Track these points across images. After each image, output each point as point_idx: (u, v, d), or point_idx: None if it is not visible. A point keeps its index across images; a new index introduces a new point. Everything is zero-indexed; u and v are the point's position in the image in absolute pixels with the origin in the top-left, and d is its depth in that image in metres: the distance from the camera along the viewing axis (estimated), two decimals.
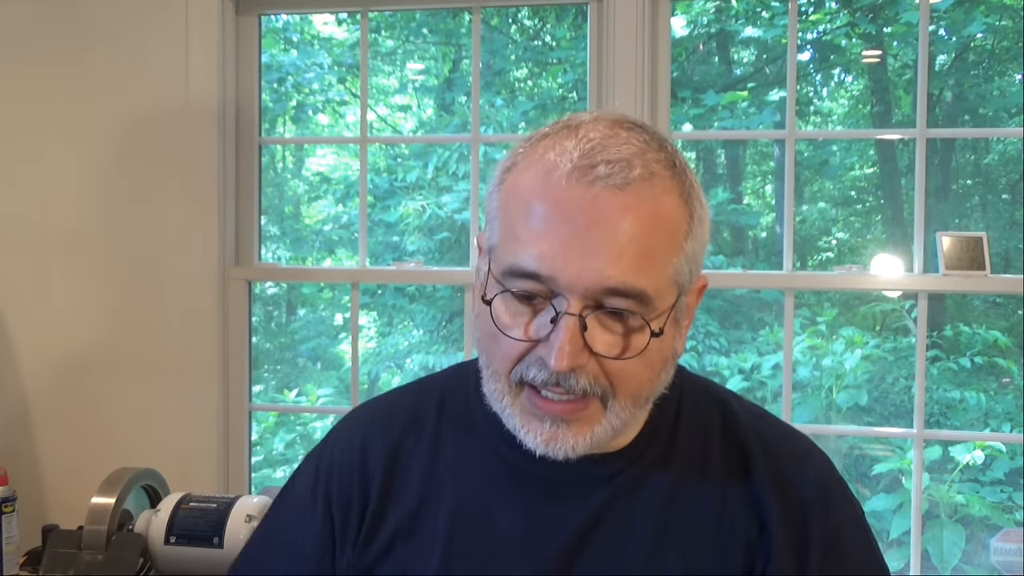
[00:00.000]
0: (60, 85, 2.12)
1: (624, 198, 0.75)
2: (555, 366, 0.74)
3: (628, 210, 0.75)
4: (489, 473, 0.86)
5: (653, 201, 0.76)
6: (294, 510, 0.95)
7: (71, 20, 2.11)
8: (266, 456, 4.52)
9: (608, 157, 0.75)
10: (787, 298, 2.01)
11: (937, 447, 3.86)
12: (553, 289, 0.75)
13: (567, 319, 0.74)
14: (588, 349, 0.75)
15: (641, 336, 0.76)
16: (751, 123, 4.46)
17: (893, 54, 4.65)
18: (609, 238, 0.74)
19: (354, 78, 4.74)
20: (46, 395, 2.14)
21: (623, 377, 0.77)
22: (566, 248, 0.74)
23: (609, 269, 0.74)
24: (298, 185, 5.20)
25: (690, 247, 0.79)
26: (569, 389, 0.76)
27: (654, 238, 0.76)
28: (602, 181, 0.74)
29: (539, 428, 0.79)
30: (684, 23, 4.52)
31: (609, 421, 0.79)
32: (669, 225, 0.78)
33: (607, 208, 0.74)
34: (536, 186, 0.77)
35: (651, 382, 0.80)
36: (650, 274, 0.76)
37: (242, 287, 2.15)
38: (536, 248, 0.75)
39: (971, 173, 4.68)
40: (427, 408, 0.92)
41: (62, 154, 2.12)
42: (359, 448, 0.92)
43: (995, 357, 4.24)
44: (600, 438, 0.79)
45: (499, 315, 0.78)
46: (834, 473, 0.89)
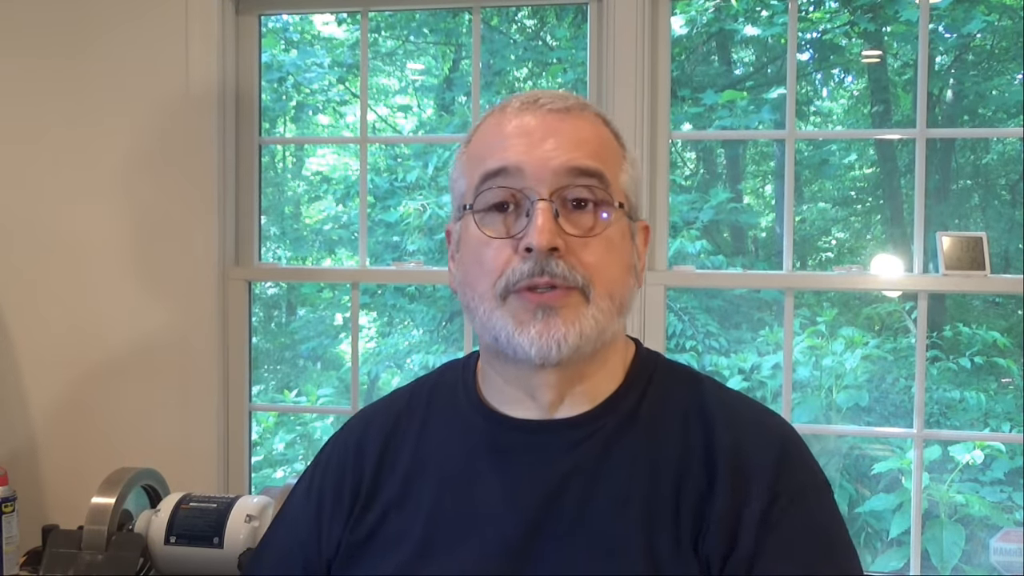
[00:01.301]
0: (60, 85, 2.12)
1: (568, 116, 0.89)
2: (536, 242, 0.83)
3: (575, 123, 0.89)
4: (470, 445, 0.93)
5: (591, 120, 0.91)
6: (293, 503, 1.03)
7: (70, 19, 2.11)
8: (266, 456, 4.52)
9: (548, 95, 0.91)
10: (787, 298, 2.01)
11: (937, 447, 3.86)
12: (522, 187, 0.86)
13: (540, 204, 0.84)
14: (562, 234, 0.85)
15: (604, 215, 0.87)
16: (751, 123, 4.47)
17: (893, 53, 4.65)
18: (564, 138, 0.87)
19: (354, 78, 4.74)
20: (46, 395, 2.14)
21: (596, 267, 0.86)
22: (528, 147, 0.87)
23: (570, 154, 0.86)
24: (298, 185, 5.20)
25: (629, 171, 0.93)
26: (552, 275, 0.84)
27: (602, 144, 0.90)
28: (546, 107, 0.89)
29: (531, 323, 0.85)
30: (684, 22, 4.52)
31: (592, 314, 0.86)
32: (609, 142, 0.92)
33: (556, 123, 0.88)
34: (492, 125, 0.91)
35: (621, 282, 0.89)
36: (605, 165, 0.88)
37: (242, 287, 2.15)
38: (502, 152, 0.87)
39: (971, 173, 4.68)
40: (419, 398, 1.00)
41: (62, 155, 2.12)
42: (357, 437, 1.00)
43: (995, 357, 4.24)
44: (588, 332, 0.85)
45: (480, 232, 0.88)
46: (799, 446, 0.90)
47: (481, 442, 0.93)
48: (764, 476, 0.85)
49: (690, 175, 4.96)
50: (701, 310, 4.56)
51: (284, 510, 1.04)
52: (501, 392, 0.94)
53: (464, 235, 0.91)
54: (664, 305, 2.00)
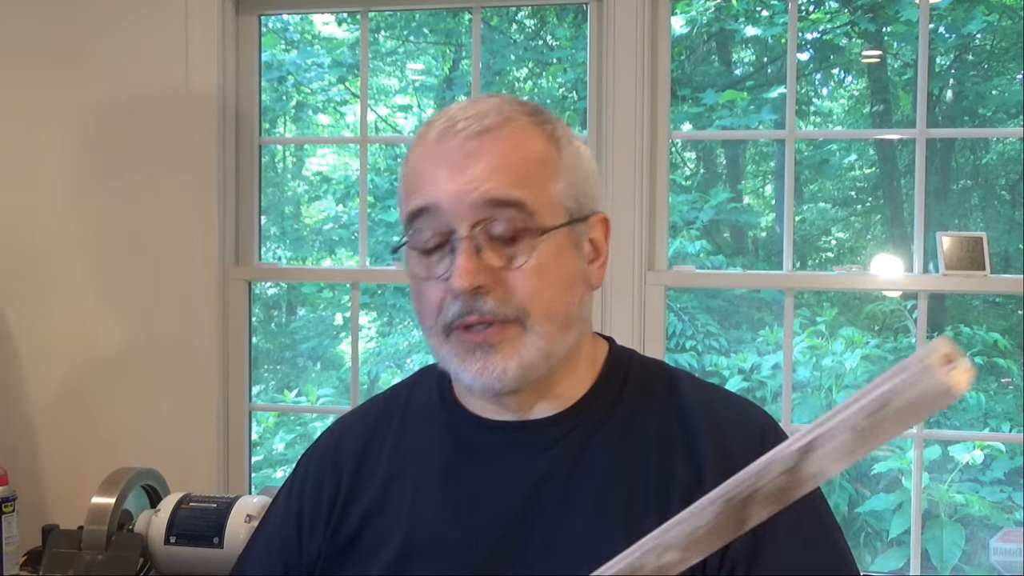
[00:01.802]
0: (59, 85, 2.12)
1: (487, 137, 0.85)
2: (456, 284, 0.83)
3: (494, 145, 0.85)
4: (445, 447, 0.94)
5: (512, 135, 0.86)
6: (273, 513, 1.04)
7: (70, 19, 2.11)
8: (266, 456, 4.52)
9: (466, 115, 0.87)
10: (787, 298, 2.01)
11: (936, 447, 3.86)
12: (445, 222, 0.84)
13: (460, 243, 0.84)
14: (487, 269, 0.84)
15: (528, 243, 0.84)
16: (751, 122, 4.47)
17: (893, 54, 4.65)
18: (482, 166, 0.84)
19: (354, 78, 4.74)
20: (46, 395, 2.14)
21: (529, 295, 0.85)
22: (445, 184, 0.85)
23: (485, 183, 0.84)
24: (298, 185, 5.20)
25: (566, 177, 0.88)
26: (481, 313, 0.84)
27: (521, 164, 0.86)
28: (463, 132, 0.85)
29: (471, 361, 0.85)
30: (684, 22, 4.52)
31: (533, 342, 0.85)
32: (534, 156, 0.87)
33: (473, 148, 0.85)
34: (417, 154, 0.89)
35: (561, 300, 0.87)
36: (525, 188, 0.85)
37: (242, 287, 2.15)
38: (423, 189, 0.86)
39: (971, 173, 4.68)
40: (396, 403, 1.01)
41: (62, 155, 2.12)
42: (334, 444, 1.00)
43: (995, 357, 4.24)
44: (530, 360, 0.85)
45: (415, 271, 0.88)
46: (777, 430, 0.91)
47: (458, 442, 0.94)
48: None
49: (690, 175, 4.96)
50: (701, 310, 4.56)
51: (265, 520, 1.04)
52: (470, 398, 0.94)
53: (407, 265, 0.91)
54: (664, 305, 2.00)
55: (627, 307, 1.96)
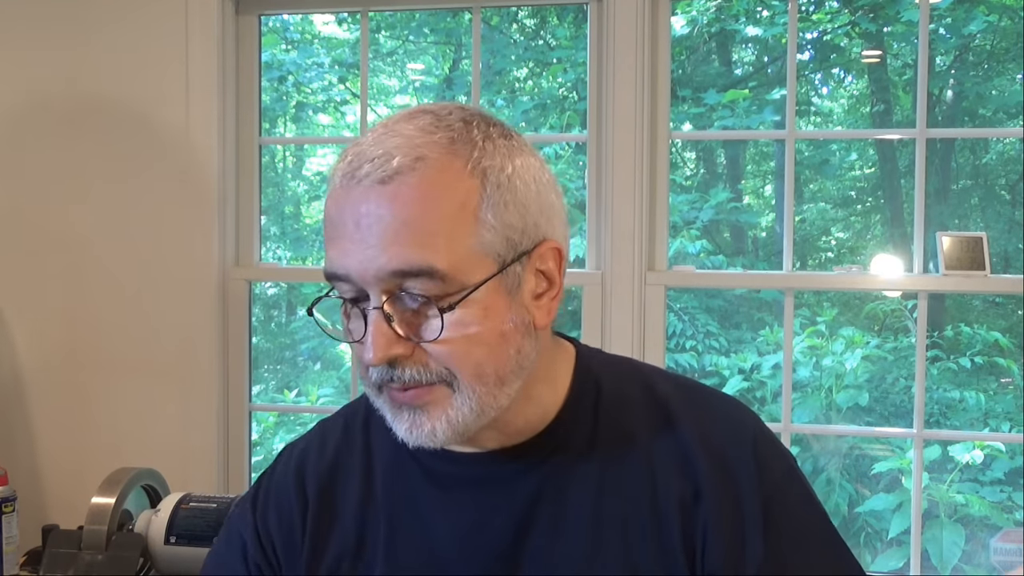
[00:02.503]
0: (59, 84, 2.12)
1: (388, 189, 0.76)
2: (370, 359, 0.77)
3: (394, 199, 0.76)
4: (416, 482, 0.88)
5: (422, 184, 0.76)
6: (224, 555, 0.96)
7: (70, 19, 2.11)
8: (266, 456, 4.51)
9: (372, 155, 0.77)
10: (787, 298, 2.01)
11: (936, 447, 3.86)
12: (358, 286, 0.78)
13: (371, 314, 0.77)
14: (402, 340, 0.78)
15: (441, 311, 0.77)
16: (751, 123, 4.47)
17: (893, 54, 4.65)
18: (381, 228, 0.76)
19: (354, 78, 4.74)
20: (46, 395, 2.14)
21: (453, 359, 0.78)
22: (349, 245, 0.77)
23: (385, 255, 0.76)
24: (298, 185, 5.20)
25: (491, 219, 0.78)
26: (401, 381, 0.78)
27: (432, 217, 0.76)
28: (367, 179, 0.77)
29: (401, 419, 0.81)
30: (684, 22, 4.52)
31: (463, 403, 0.79)
32: (451, 201, 0.77)
33: (374, 201, 0.76)
34: (329, 197, 0.81)
35: (491, 358, 0.79)
36: (437, 251, 0.76)
37: (242, 287, 2.15)
38: (331, 252, 0.79)
39: (971, 173, 4.68)
40: (354, 431, 0.94)
41: (62, 154, 2.12)
42: (294, 480, 0.94)
43: (995, 357, 4.24)
44: (460, 421, 0.79)
45: (345, 327, 0.83)
46: (763, 430, 0.89)
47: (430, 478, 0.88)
48: (748, 475, 0.84)
49: (690, 175, 4.96)
50: (701, 310, 4.56)
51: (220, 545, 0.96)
52: None
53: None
54: (664, 305, 2.00)
55: (627, 307, 1.96)
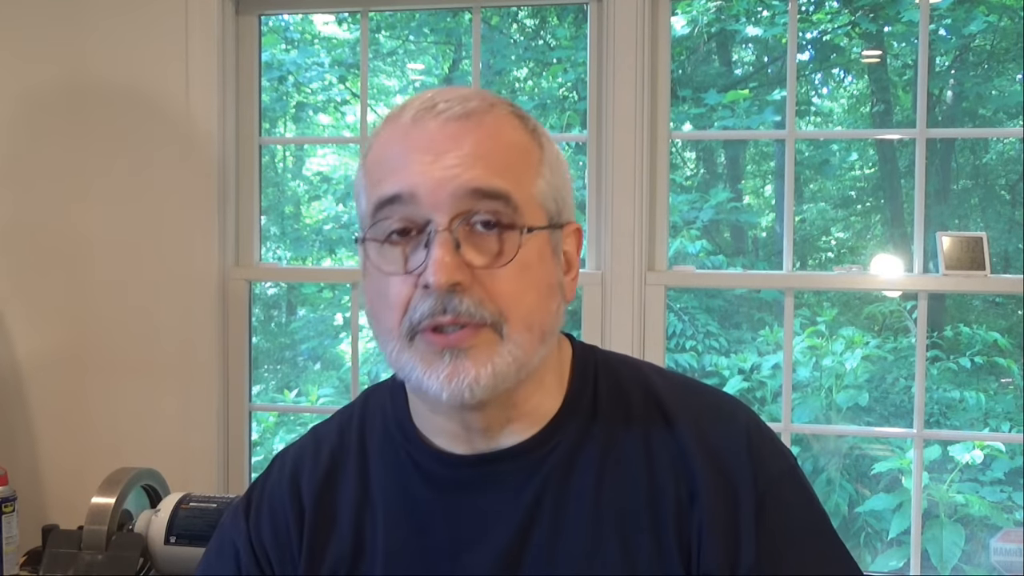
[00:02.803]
0: (59, 85, 2.12)
1: (467, 123, 0.78)
2: (435, 280, 0.74)
3: (477, 130, 0.78)
4: (413, 488, 0.85)
5: (497, 125, 0.79)
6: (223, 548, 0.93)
7: (70, 19, 2.11)
8: (266, 456, 4.51)
9: (446, 97, 0.80)
10: (787, 298, 2.01)
11: (936, 447, 3.86)
12: (420, 213, 0.76)
13: (439, 235, 0.75)
14: (466, 266, 0.76)
15: (513, 240, 0.77)
16: (752, 123, 4.47)
17: (893, 54, 4.65)
18: (464, 151, 0.77)
19: (354, 78, 4.74)
20: (46, 395, 2.14)
21: (508, 299, 0.77)
22: (423, 168, 0.76)
23: (468, 172, 0.76)
24: (298, 185, 5.20)
25: (547, 176, 0.81)
26: (456, 313, 0.75)
27: (506, 153, 0.79)
28: (444, 114, 0.78)
29: (439, 366, 0.77)
30: (684, 22, 4.52)
31: (508, 351, 0.77)
32: (518, 147, 0.80)
33: (455, 132, 0.77)
34: (387, 138, 0.80)
35: (540, 308, 0.79)
36: (510, 180, 0.77)
37: (242, 287, 2.15)
38: (396, 174, 0.77)
39: (971, 173, 4.68)
40: (349, 439, 0.91)
41: (62, 154, 2.12)
42: (289, 486, 0.91)
43: (995, 357, 4.24)
44: (503, 370, 0.77)
45: (378, 265, 0.79)
46: (761, 428, 0.87)
47: (428, 483, 0.85)
48: (744, 475, 0.83)
49: (690, 175, 4.96)
50: (701, 310, 4.56)
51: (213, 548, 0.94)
52: (433, 423, 0.85)
53: (365, 263, 0.81)
54: (664, 305, 2.00)
55: (627, 307, 1.96)
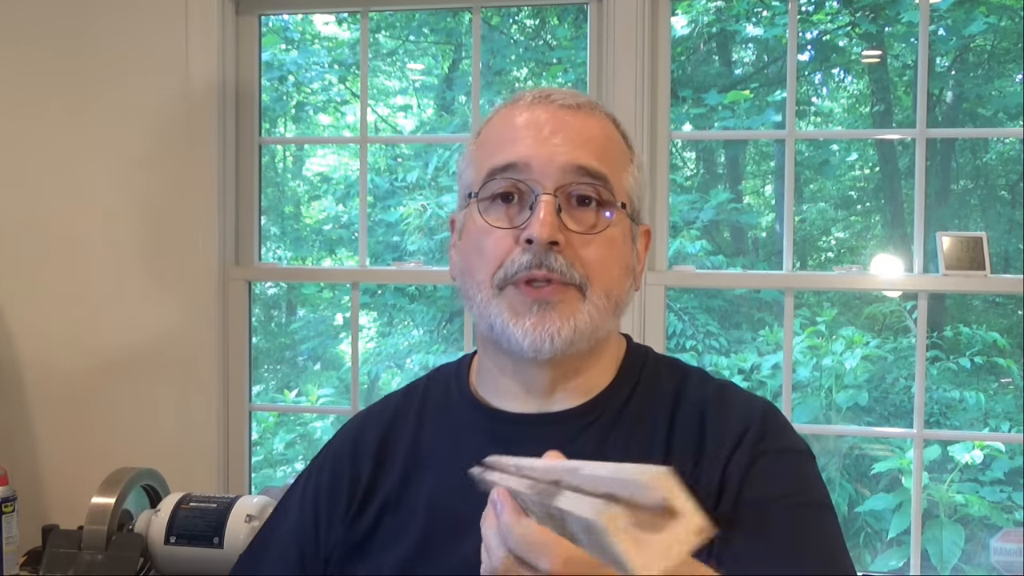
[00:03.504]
0: (60, 85, 2.12)
1: (579, 113, 0.91)
2: (538, 234, 0.84)
3: (584, 120, 0.91)
4: (465, 439, 0.93)
5: (601, 120, 0.93)
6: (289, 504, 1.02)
7: (70, 19, 2.11)
8: (266, 456, 4.52)
9: (559, 91, 0.93)
10: (787, 298, 2.01)
11: (936, 447, 3.86)
12: (528, 182, 0.87)
13: (544, 198, 0.85)
14: (564, 229, 0.86)
15: (605, 215, 0.88)
16: (752, 123, 4.47)
17: (893, 54, 4.65)
18: (573, 135, 0.89)
19: (354, 78, 4.74)
20: (46, 395, 2.14)
21: (596, 266, 0.87)
22: (536, 142, 0.88)
23: (576, 152, 0.88)
24: (298, 185, 5.20)
25: (635, 174, 0.94)
26: (550, 268, 0.85)
27: (608, 144, 0.91)
28: (558, 103, 0.91)
29: (526, 316, 0.86)
30: (685, 23, 4.53)
31: (588, 311, 0.87)
32: (617, 143, 0.94)
33: (567, 118, 0.90)
34: (504, 116, 0.93)
35: (618, 280, 0.90)
36: (610, 166, 0.89)
37: (242, 287, 2.15)
38: (511, 146, 0.88)
39: (971, 173, 4.68)
40: (413, 399, 1.01)
41: (62, 155, 2.12)
42: (353, 438, 1.00)
43: (995, 357, 4.24)
44: (583, 328, 0.86)
45: (486, 220, 0.89)
46: (780, 416, 0.93)
47: (477, 436, 0.93)
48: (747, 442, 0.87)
49: (690, 175, 4.96)
50: (701, 310, 4.56)
51: (279, 510, 1.03)
52: (496, 384, 0.94)
53: (468, 223, 0.92)
54: (664, 305, 2.00)
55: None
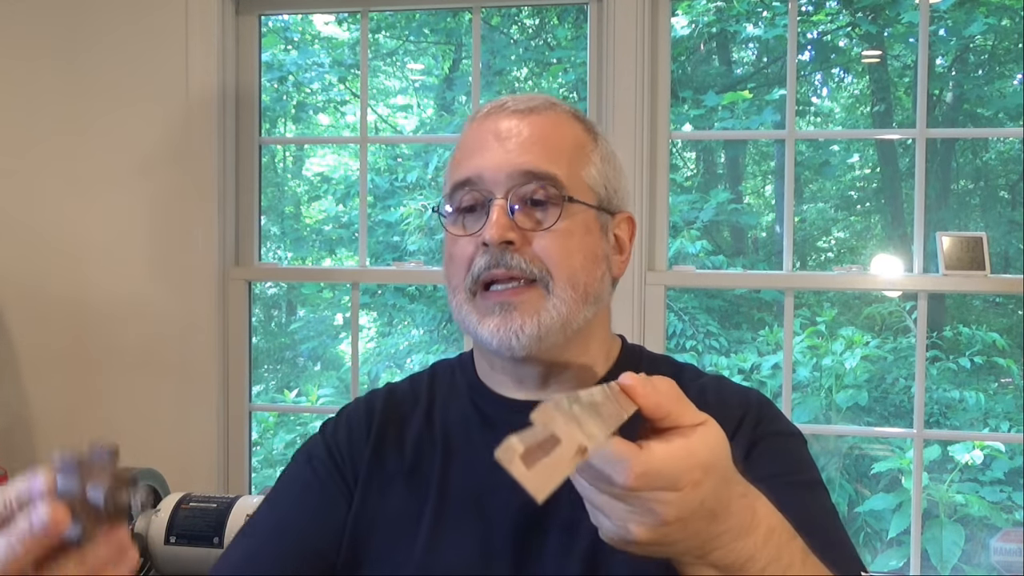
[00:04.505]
0: (60, 85, 2.12)
1: (528, 116, 0.94)
2: (489, 235, 0.88)
3: (532, 123, 0.93)
4: (471, 423, 0.97)
5: (554, 118, 0.95)
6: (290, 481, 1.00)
7: (71, 20, 2.11)
8: (266, 456, 4.52)
9: (515, 99, 0.96)
10: (787, 298, 2.01)
11: (936, 447, 3.86)
12: (484, 192, 0.91)
13: (495, 203, 0.90)
14: (517, 229, 0.90)
15: (557, 209, 0.91)
16: (751, 123, 4.47)
17: (893, 55, 4.65)
18: (522, 139, 0.92)
19: (354, 78, 4.74)
20: (46, 395, 2.14)
21: (555, 258, 0.90)
22: (487, 154, 0.92)
23: (523, 156, 0.91)
24: (298, 185, 5.20)
25: (599, 164, 0.96)
26: (508, 267, 0.89)
27: (559, 141, 0.93)
28: (510, 108, 0.95)
29: (491, 318, 0.90)
30: (685, 23, 4.53)
31: (553, 306, 0.90)
32: (572, 138, 0.95)
33: (516, 124, 0.93)
34: (466, 132, 0.97)
35: (584, 269, 0.92)
36: (559, 165, 0.92)
37: (242, 287, 2.15)
38: (467, 161, 0.94)
39: (971, 174, 4.68)
40: (420, 387, 1.03)
41: (62, 154, 2.12)
42: (364, 410, 1.01)
43: (995, 357, 4.24)
44: (548, 323, 0.89)
45: (451, 231, 0.94)
46: (773, 406, 0.97)
47: (483, 419, 0.96)
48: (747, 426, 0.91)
49: (690, 175, 4.96)
50: (701, 310, 4.57)
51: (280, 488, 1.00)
52: (492, 377, 0.98)
53: (445, 237, 0.97)
54: (664, 305, 2.00)
55: (627, 307, 1.96)
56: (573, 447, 0.52)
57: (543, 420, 0.53)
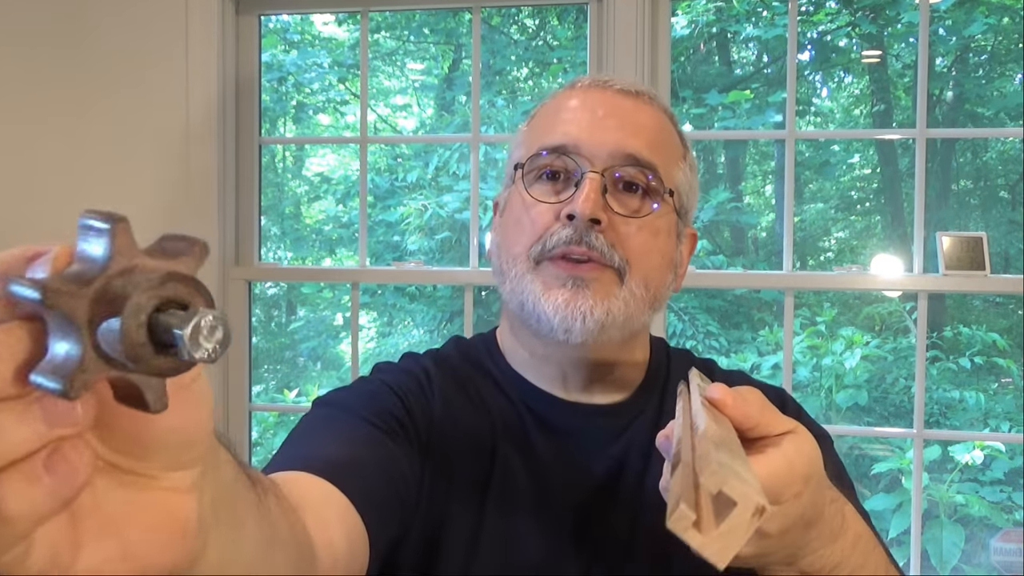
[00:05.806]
0: (60, 86, 2.12)
1: (635, 100, 0.88)
2: (580, 209, 0.80)
3: (640, 108, 0.88)
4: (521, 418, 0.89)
5: (658, 112, 0.89)
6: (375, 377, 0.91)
7: (71, 20, 2.11)
8: (266, 456, 4.52)
9: (618, 79, 0.90)
10: (787, 298, 2.01)
11: (936, 447, 3.86)
12: (576, 159, 0.84)
13: (591, 176, 0.82)
14: (608, 209, 0.82)
15: (652, 203, 0.85)
16: (752, 123, 4.47)
17: (893, 54, 4.66)
18: (626, 121, 0.86)
19: (354, 78, 4.74)
20: None
21: (637, 252, 0.83)
22: (590, 126, 0.85)
23: (628, 140, 0.84)
24: (298, 185, 5.20)
25: (686, 172, 0.90)
26: (589, 246, 0.81)
27: (662, 136, 0.88)
28: (616, 87, 0.88)
29: (558, 291, 0.82)
30: (685, 23, 4.53)
31: (623, 297, 0.83)
32: (671, 136, 0.90)
33: (622, 104, 0.87)
34: (559, 99, 0.90)
35: (659, 271, 0.86)
36: (660, 157, 0.86)
37: (242, 287, 2.15)
38: (563, 127, 0.86)
39: (971, 173, 4.68)
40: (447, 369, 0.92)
41: (62, 154, 2.12)
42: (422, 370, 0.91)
43: (995, 357, 4.25)
44: (615, 313, 0.82)
45: (530, 194, 0.86)
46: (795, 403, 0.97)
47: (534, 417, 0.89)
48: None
49: None
50: (701, 310, 4.57)
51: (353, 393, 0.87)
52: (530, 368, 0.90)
53: (511, 199, 0.88)
54: (664, 305, 1.99)
55: None
56: (750, 508, 0.50)
57: (705, 474, 0.50)
